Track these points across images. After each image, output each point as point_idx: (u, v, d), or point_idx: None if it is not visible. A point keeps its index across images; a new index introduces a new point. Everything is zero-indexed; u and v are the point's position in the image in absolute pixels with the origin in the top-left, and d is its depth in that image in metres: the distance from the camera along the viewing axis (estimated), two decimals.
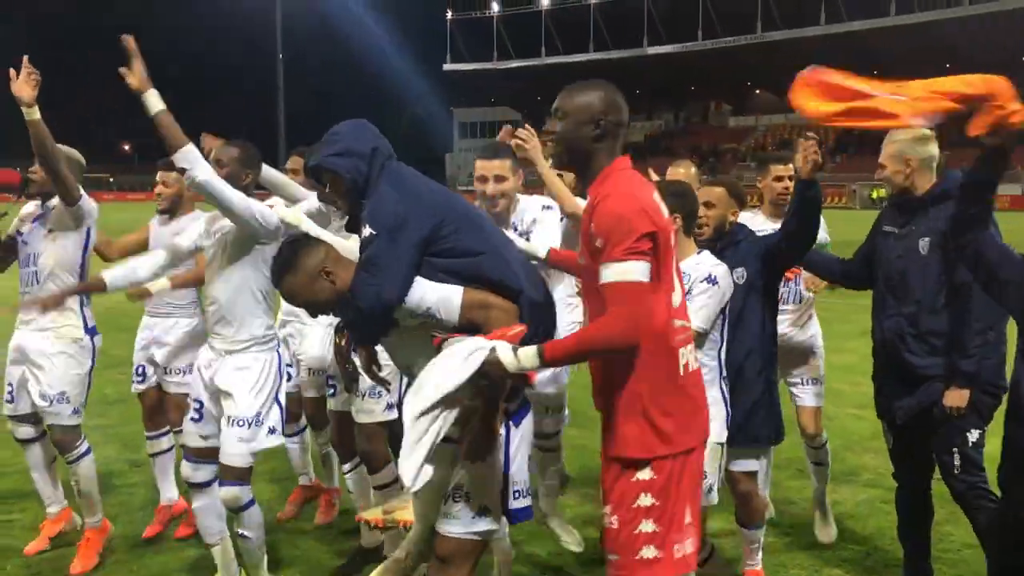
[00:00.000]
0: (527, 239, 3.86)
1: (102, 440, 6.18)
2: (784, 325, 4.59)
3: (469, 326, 2.77)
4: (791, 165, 4.45)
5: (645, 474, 2.54)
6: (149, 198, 8.48)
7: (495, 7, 78.97)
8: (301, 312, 3.05)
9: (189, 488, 4.01)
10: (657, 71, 70.15)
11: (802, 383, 4.79)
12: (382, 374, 3.19)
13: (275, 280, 2.98)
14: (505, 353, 2.51)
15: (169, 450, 5.04)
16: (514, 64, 78.73)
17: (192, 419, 3.97)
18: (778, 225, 4.16)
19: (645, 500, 2.53)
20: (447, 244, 2.84)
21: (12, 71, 3.90)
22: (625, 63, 71.93)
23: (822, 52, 63.97)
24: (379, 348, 3.11)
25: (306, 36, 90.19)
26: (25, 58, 3.91)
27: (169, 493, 5.03)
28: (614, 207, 2.48)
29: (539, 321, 2.84)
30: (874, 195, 51.89)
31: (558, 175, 4.04)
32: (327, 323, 4.29)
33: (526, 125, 4.03)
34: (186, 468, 3.97)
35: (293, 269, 2.90)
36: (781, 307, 4.44)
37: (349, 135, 3.02)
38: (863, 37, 61.04)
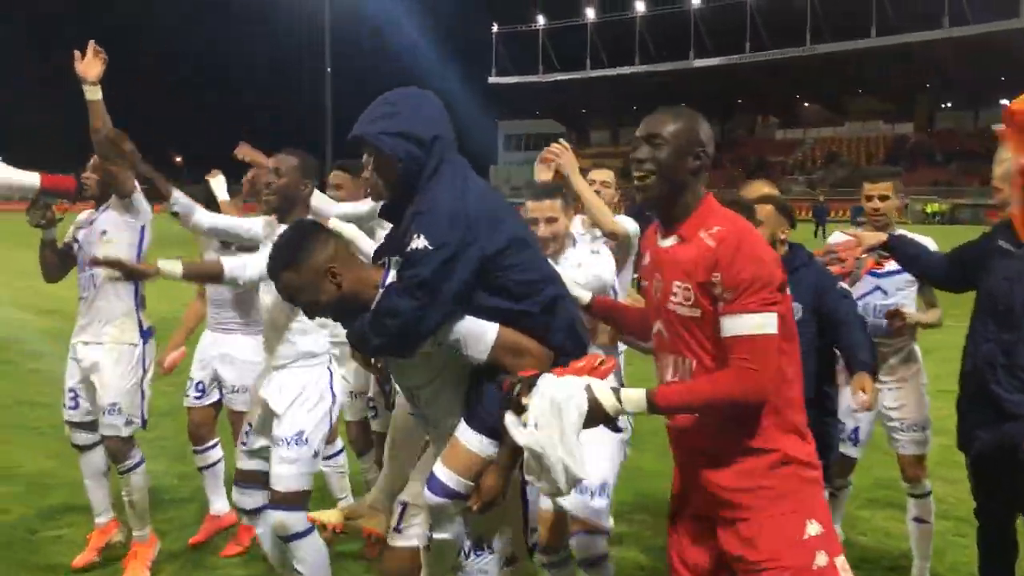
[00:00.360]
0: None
1: (152, 453, 6.08)
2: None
3: (491, 367, 2.58)
4: (883, 183, 4.26)
5: (814, 528, 2.34)
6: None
7: (541, 20, 79.11)
8: (341, 332, 2.82)
9: (241, 515, 3.91)
10: (703, 84, 69.59)
11: (901, 427, 4.33)
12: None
13: (272, 271, 2.63)
14: (606, 396, 2.28)
15: (218, 462, 4.99)
16: (559, 77, 78.73)
17: (243, 442, 3.86)
18: None
19: (821, 559, 2.32)
20: (501, 279, 2.57)
21: (77, 53, 3.95)
22: (671, 76, 71.52)
23: (874, 64, 63.52)
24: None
25: (354, 49, 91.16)
26: (92, 41, 3.96)
27: (219, 504, 4.98)
28: (753, 252, 2.29)
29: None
30: (928, 209, 50.86)
31: (595, 192, 3.91)
32: None
33: (560, 140, 3.91)
34: (235, 493, 3.87)
35: (296, 265, 2.58)
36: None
37: (409, 113, 2.62)
38: (916, 49, 60.07)
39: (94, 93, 3.98)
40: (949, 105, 68.86)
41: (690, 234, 2.39)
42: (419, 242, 2.48)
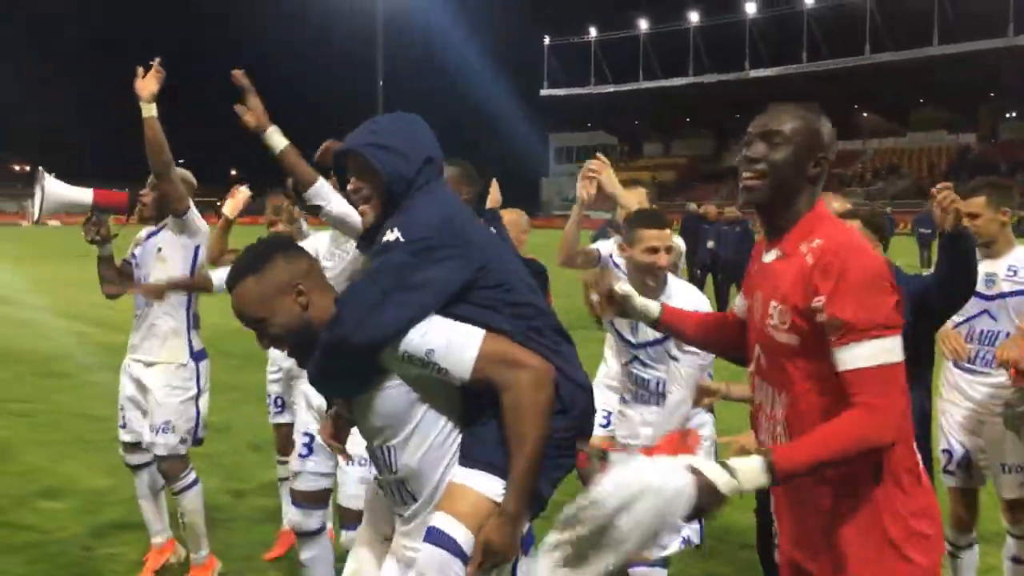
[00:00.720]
0: None
1: (205, 468, 6.04)
2: (980, 393, 3.95)
3: (479, 386, 2.16)
4: (974, 199, 3.78)
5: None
6: (254, 222, 8.48)
7: (593, 32, 79.00)
8: None
9: (297, 538, 3.78)
10: (759, 94, 68.41)
11: (1004, 470, 3.90)
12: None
13: (230, 280, 2.24)
14: (718, 475, 1.85)
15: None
16: (611, 89, 78.48)
17: (300, 455, 3.73)
18: None
19: None
20: (488, 296, 2.25)
21: (140, 69, 3.94)
22: (725, 87, 70.91)
23: (936, 73, 62.14)
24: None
25: (405, 64, 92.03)
26: (157, 60, 3.97)
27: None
28: (863, 268, 1.97)
29: (576, 403, 2.29)
30: None
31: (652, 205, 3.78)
32: None
33: (598, 154, 3.87)
34: (295, 515, 3.74)
35: (258, 272, 2.20)
36: (975, 372, 3.89)
37: (397, 134, 2.40)
38: (980, 57, 58.64)
39: (149, 110, 3.96)
40: (1013, 115, 67.12)
41: (791, 248, 2.10)
42: (392, 235, 2.21)
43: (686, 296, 3.40)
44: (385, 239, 2.23)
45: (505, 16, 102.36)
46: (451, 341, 2.14)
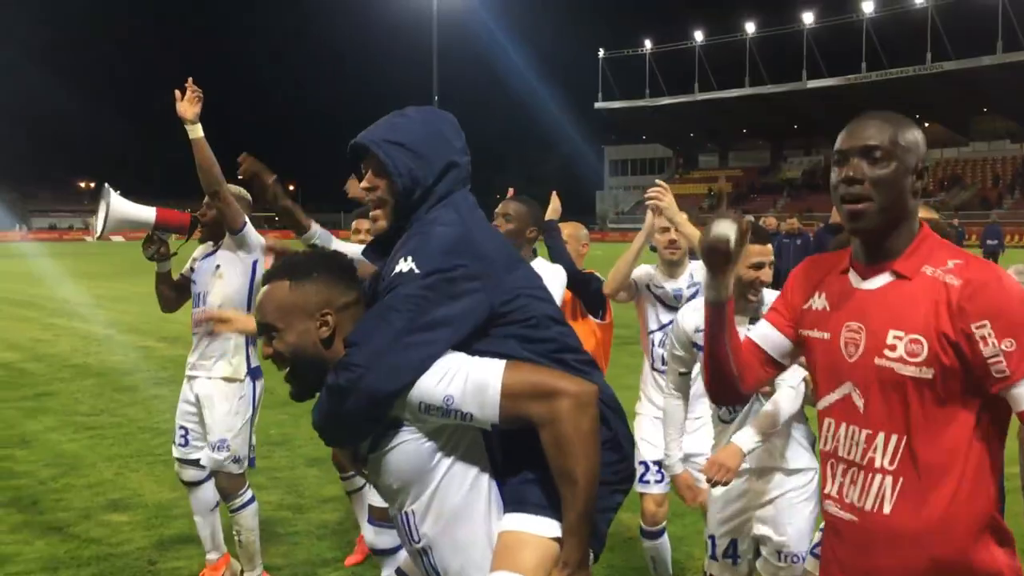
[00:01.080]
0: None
1: (266, 483, 6.13)
2: None
3: (512, 426, 1.91)
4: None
5: None
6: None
7: (648, 44, 78.74)
8: None
9: (374, 555, 3.78)
10: (816, 105, 67.79)
11: None
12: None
13: (268, 273, 2.10)
14: None
15: (364, 485, 4.90)
16: (666, 101, 78.10)
17: None
18: None
19: None
20: (511, 330, 2.03)
21: (177, 92, 4.00)
22: (782, 98, 70.09)
23: (999, 83, 60.61)
24: None
25: (460, 78, 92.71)
26: (190, 79, 4.02)
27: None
28: (1018, 289, 1.80)
29: (618, 428, 2.12)
30: None
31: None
32: None
33: (657, 180, 3.88)
34: (368, 532, 3.75)
35: (295, 280, 2.03)
36: None
37: (420, 131, 2.14)
38: None
39: (195, 131, 4.03)
40: None
41: (911, 271, 1.89)
42: (405, 265, 1.98)
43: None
44: (398, 269, 1.99)
45: (558, 30, 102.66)
46: (470, 381, 1.89)
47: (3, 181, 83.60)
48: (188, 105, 4.00)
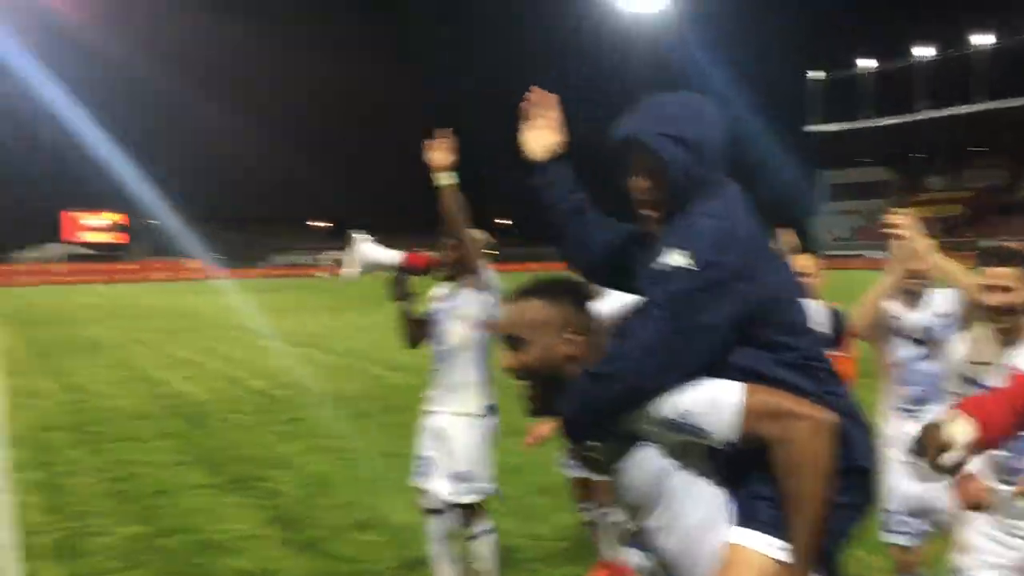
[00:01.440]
0: None
1: (502, 511, 6.29)
2: None
3: (745, 445, 1.90)
4: None
5: None
6: (525, 268, 8.73)
7: (860, 63, 75.24)
8: None
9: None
10: None
11: None
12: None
13: (520, 288, 2.15)
14: None
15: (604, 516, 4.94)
16: (883, 122, 74.17)
17: None
18: None
19: None
20: (764, 335, 1.99)
21: (428, 142, 4.16)
22: (1021, 113, 64.66)
23: None
24: None
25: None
26: (450, 130, 4.19)
27: (609, 551, 4.89)
28: None
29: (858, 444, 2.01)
30: None
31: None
32: None
33: (896, 210, 3.56)
34: (632, 556, 3.78)
35: (548, 301, 2.09)
36: None
37: (691, 117, 2.08)
38: None
39: (445, 179, 4.16)
40: None
41: None
42: (678, 259, 1.93)
43: None
44: (668, 262, 1.94)
45: (761, 53, 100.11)
46: (709, 398, 1.90)
47: (245, 221, 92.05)
48: (442, 155, 4.16)
